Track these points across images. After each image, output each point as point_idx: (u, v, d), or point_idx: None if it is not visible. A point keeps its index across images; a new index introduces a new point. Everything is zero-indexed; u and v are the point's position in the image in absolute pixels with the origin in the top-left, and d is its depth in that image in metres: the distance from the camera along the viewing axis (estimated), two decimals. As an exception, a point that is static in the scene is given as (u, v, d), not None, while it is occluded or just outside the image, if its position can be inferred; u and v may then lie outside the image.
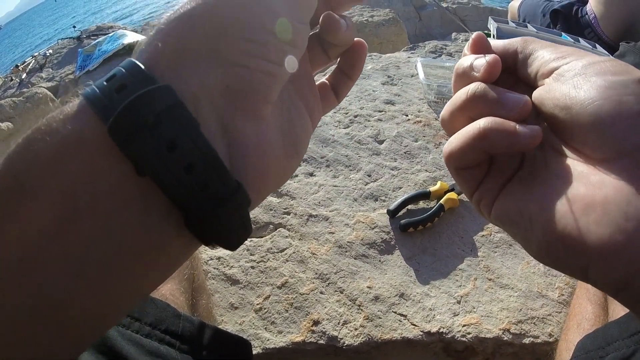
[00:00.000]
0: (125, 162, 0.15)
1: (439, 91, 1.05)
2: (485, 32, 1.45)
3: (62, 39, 4.45)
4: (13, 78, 3.79)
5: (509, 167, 0.23)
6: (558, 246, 0.19)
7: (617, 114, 0.18)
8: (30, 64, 3.91)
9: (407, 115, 0.98)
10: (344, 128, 0.91)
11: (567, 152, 0.21)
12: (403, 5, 3.88)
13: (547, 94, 0.22)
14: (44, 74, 3.72)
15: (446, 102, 0.84)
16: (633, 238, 0.16)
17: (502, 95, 0.22)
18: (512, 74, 0.25)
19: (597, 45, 1.26)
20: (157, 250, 0.17)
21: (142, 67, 0.16)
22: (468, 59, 0.25)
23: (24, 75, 3.68)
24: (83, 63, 3.05)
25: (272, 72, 0.19)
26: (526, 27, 1.32)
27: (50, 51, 4.06)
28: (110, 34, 3.31)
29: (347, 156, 0.82)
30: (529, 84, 0.24)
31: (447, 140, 0.25)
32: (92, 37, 3.99)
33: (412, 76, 1.18)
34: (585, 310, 0.56)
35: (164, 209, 0.16)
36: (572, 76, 0.20)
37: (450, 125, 0.25)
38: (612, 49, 1.44)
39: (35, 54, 4.15)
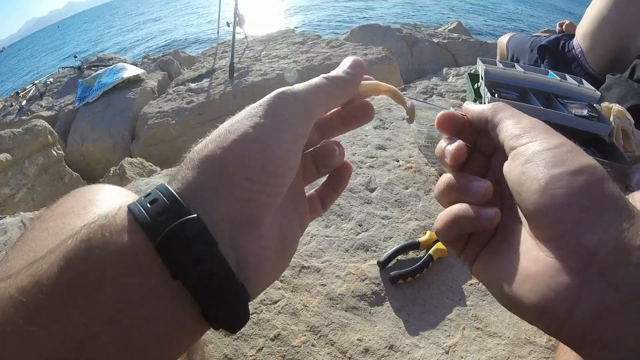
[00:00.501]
0: (164, 269, 0.21)
1: (430, 135, 1.09)
2: (474, 72, 1.49)
3: (63, 67, 4.53)
4: (13, 104, 3.83)
5: (484, 238, 0.29)
6: (508, 304, 0.25)
7: (550, 206, 0.23)
8: (31, 91, 3.97)
9: (398, 161, 1.01)
10: (337, 175, 0.94)
11: (526, 224, 0.26)
12: (395, 41, 4.00)
13: (507, 174, 0.26)
14: (43, 102, 3.77)
15: (436, 145, 0.88)
16: (555, 304, 0.22)
17: (467, 186, 0.28)
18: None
19: (584, 81, 1.29)
20: (181, 332, 0.23)
21: (180, 200, 0.22)
22: (442, 144, 0.31)
23: (24, 102, 3.73)
24: (82, 94, 3.11)
25: (268, 203, 0.24)
26: (514, 67, 1.36)
27: (51, 79, 4.12)
28: (110, 66, 3.38)
29: (339, 205, 0.85)
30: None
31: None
32: (92, 68, 4.07)
33: (403, 119, 1.22)
34: (569, 358, 0.58)
35: (189, 303, 0.22)
36: (524, 162, 0.25)
37: (441, 202, 0.31)
38: (598, 81, 1.50)
39: (36, 81, 4.21)
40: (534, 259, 0.23)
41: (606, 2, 1.58)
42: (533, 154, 0.24)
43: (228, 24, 3.62)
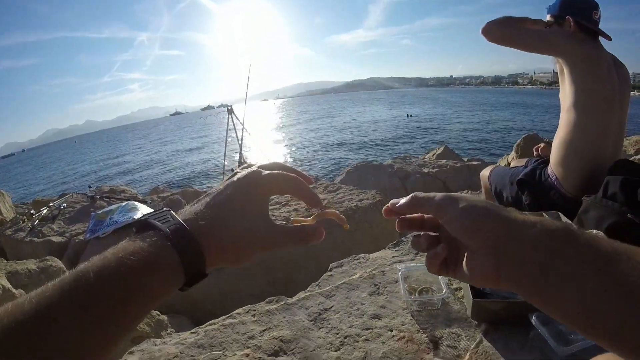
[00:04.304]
0: (180, 264, 0.39)
1: (421, 301, 1.19)
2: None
3: (77, 192, 4.82)
4: (25, 220, 3.95)
5: (452, 263, 0.47)
6: (470, 283, 0.47)
7: (463, 233, 0.43)
8: (44, 212, 4.13)
9: (391, 331, 1.10)
10: (335, 351, 1.02)
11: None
12: (389, 178, 4.32)
13: (447, 227, 0.45)
14: (55, 226, 3.90)
15: (428, 309, 1.03)
16: (489, 275, 0.41)
17: (435, 252, 0.48)
18: None
19: (560, 214, 1.39)
20: (172, 278, 0.40)
21: (188, 229, 0.41)
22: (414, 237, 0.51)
23: (36, 222, 3.86)
24: (94, 227, 3.26)
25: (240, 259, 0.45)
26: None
27: (65, 204, 4.34)
28: (122, 204, 3.58)
29: (338, 386, 0.92)
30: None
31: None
32: (104, 199, 4.31)
33: (396, 282, 1.34)
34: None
35: (179, 264, 0.39)
36: (448, 225, 0.44)
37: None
38: (576, 203, 1.55)
39: (50, 204, 4.41)
40: (474, 260, 0.43)
41: (568, 129, 1.67)
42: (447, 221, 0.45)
43: (232, 170, 3.97)
